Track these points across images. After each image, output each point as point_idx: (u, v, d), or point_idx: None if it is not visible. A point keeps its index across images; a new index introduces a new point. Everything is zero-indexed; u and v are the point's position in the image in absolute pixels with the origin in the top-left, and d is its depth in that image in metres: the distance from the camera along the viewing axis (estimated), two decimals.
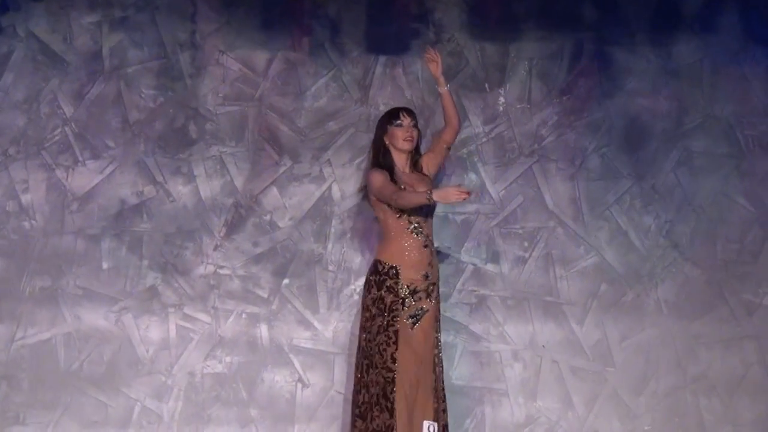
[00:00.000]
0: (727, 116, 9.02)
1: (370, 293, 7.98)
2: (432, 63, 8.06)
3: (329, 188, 8.90)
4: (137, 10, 8.86)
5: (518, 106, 8.94)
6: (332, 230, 8.88)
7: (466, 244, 8.89)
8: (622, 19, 9.02)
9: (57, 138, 8.79)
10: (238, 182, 8.88)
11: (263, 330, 8.82)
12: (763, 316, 8.93)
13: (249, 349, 8.80)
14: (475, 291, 8.88)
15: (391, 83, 8.94)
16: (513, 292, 8.90)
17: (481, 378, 8.81)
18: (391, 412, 7.84)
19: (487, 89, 8.97)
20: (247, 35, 8.91)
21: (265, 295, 8.83)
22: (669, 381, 8.83)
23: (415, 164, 8.14)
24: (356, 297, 8.82)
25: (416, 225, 7.99)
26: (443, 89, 8.04)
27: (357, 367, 7.98)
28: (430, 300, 7.95)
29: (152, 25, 8.87)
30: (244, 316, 8.82)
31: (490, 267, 8.87)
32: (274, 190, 8.88)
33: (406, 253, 7.99)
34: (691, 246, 8.91)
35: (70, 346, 8.72)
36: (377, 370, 7.88)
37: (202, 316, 8.82)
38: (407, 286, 7.96)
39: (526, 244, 8.93)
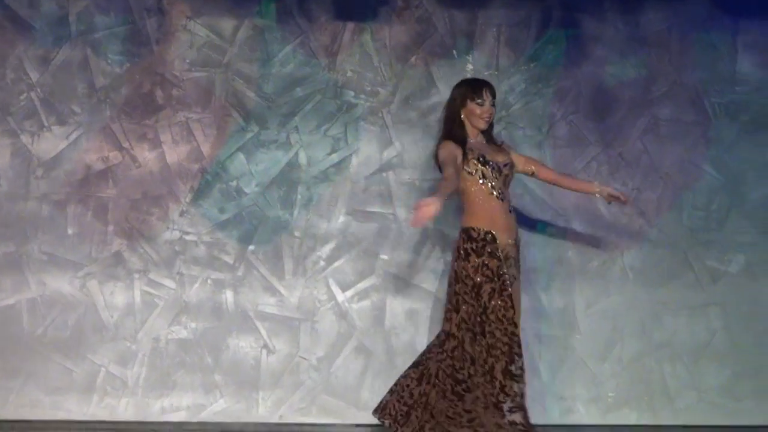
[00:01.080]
0: (695, 84, 9.12)
1: (469, 261, 7.85)
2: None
3: (296, 155, 8.98)
4: None
5: (486, 72, 8.96)
6: (299, 197, 8.97)
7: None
8: None
9: (23, 103, 8.86)
10: (205, 148, 8.95)
11: (228, 296, 8.91)
12: (728, 283, 9.07)
13: (214, 315, 8.91)
14: (441, 258, 8.97)
15: (359, 50, 9.01)
16: None
17: None
18: (521, 377, 7.83)
19: (455, 56, 9.03)
20: (214, 1, 8.96)
21: (231, 261, 8.93)
22: (634, 347, 8.96)
23: (488, 138, 8.07)
24: (322, 263, 8.98)
25: (499, 191, 7.95)
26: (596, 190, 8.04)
27: (453, 344, 7.85)
28: (517, 268, 7.98)
29: None
30: (209, 282, 8.91)
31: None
32: (241, 157, 8.97)
33: (496, 218, 7.97)
34: (658, 213, 9.03)
35: (35, 312, 8.81)
36: (495, 339, 7.76)
37: (168, 282, 8.91)
38: (502, 252, 7.99)
39: None
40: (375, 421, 8.46)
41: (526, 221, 8.88)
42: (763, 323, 9.13)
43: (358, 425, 8.91)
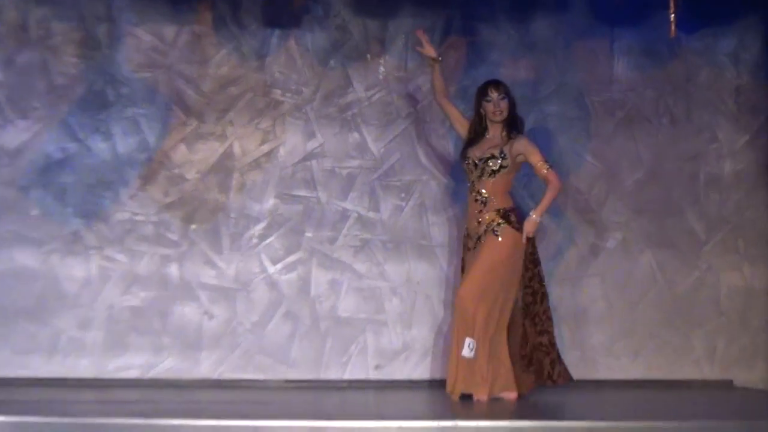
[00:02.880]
0: (577, 84, 9.61)
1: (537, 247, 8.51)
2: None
3: (231, 145, 9.47)
4: None
5: (396, 74, 9.54)
6: (233, 182, 9.46)
7: (350, 194, 9.51)
8: None
9: None
10: (151, 140, 9.41)
11: (174, 269, 9.39)
12: (606, 258, 9.59)
13: (161, 286, 9.34)
14: (358, 235, 9.51)
15: (285, 53, 9.49)
16: (391, 236, 9.52)
17: (365, 310, 9.45)
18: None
19: (369, 59, 9.55)
20: (157, 10, 9.37)
21: (175, 239, 9.39)
22: None
23: (509, 131, 8.52)
24: (255, 240, 9.43)
25: (472, 183, 8.56)
26: None
27: (519, 326, 8.44)
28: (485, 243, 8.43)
29: (73, 1, 9.33)
30: (156, 256, 9.38)
31: (371, 214, 9.53)
32: (183, 147, 9.43)
33: (469, 209, 8.63)
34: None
35: (3, 283, 9.22)
36: (540, 317, 8.48)
37: (120, 257, 9.35)
38: (469, 234, 8.57)
39: (402, 194, 9.55)
40: (302, 377, 9.27)
41: (431, 205, 9.56)
42: (636, 292, 9.62)
43: (287, 380, 9.33)
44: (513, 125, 8.51)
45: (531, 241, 8.46)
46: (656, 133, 9.74)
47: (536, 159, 8.43)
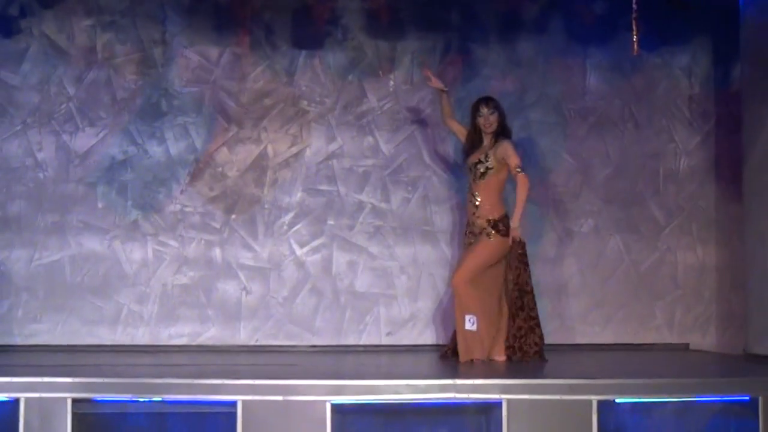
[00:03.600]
0: (556, 95, 9.53)
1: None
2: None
3: (265, 148, 9.39)
4: (122, 16, 9.29)
5: (404, 87, 9.47)
6: (267, 179, 9.39)
7: (366, 188, 9.44)
8: (479, 23, 9.46)
9: (63, 111, 9.27)
10: (198, 144, 9.36)
11: (217, 252, 9.33)
12: (581, 240, 9.52)
13: (207, 266, 9.30)
14: (372, 222, 9.44)
15: (310, 70, 9.42)
16: (400, 223, 9.44)
17: (378, 286, 9.40)
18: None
19: (381, 75, 9.48)
20: (204, 35, 9.36)
21: (218, 227, 9.33)
22: None
23: (502, 135, 8.38)
24: (285, 227, 9.35)
25: (469, 184, 8.45)
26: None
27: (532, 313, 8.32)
28: (482, 233, 8.37)
29: (133, 28, 9.32)
30: (203, 242, 9.33)
31: (383, 205, 9.45)
32: (225, 149, 9.37)
33: (467, 206, 8.52)
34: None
35: (74, 265, 9.21)
36: (526, 317, 8.33)
37: (172, 242, 9.31)
38: (469, 227, 8.47)
39: (409, 188, 9.48)
40: (325, 342, 9.24)
41: (434, 197, 9.42)
42: (606, 269, 9.54)
43: (312, 345, 9.29)
44: (502, 133, 8.41)
45: (521, 243, 8.35)
46: (622, 136, 9.66)
47: (512, 162, 8.31)
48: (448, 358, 8.48)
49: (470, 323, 8.24)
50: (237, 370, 7.69)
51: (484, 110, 8.36)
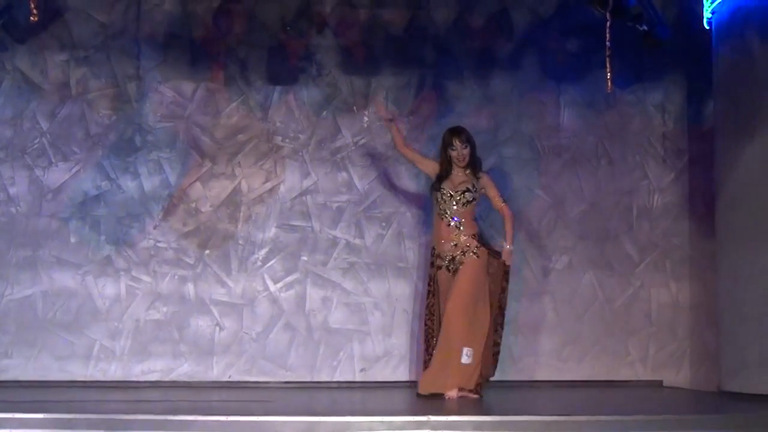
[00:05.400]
0: (530, 131, 9.59)
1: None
2: None
3: (239, 183, 9.41)
4: (96, 51, 9.34)
5: (378, 123, 9.40)
6: (241, 214, 9.39)
7: (340, 224, 9.43)
8: (453, 59, 9.54)
9: (36, 146, 9.31)
10: (172, 179, 9.38)
11: (190, 287, 9.33)
12: (555, 277, 9.54)
13: (180, 302, 9.29)
14: (346, 258, 9.44)
15: (285, 106, 9.45)
16: (374, 259, 9.44)
17: (352, 322, 9.37)
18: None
19: (355, 111, 9.51)
20: (178, 70, 9.40)
21: (192, 262, 9.34)
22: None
23: (473, 169, 8.36)
24: (259, 263, 9.33)
25: (448, 213, 8.39)
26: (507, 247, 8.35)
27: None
28: (465, 261, 8.29)
29: (107, 63, 9.36)
30: (176, 277, 9.32)
31: (357, 241, 9.45)
32: (198, 185, 9.39)
33: (441, 234, 8.41)
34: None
35: (46, 300, 9.20)
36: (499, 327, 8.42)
37: (145, 278, 9.29)
38: (444, 256, 8.39)
39: (383, 224, 9.48)
40: (299, 379, 9.16)
41: (408, 233, 9.42)
42: (580, 305, 9.54)
43: (286, 382, 9.22)
44: (475, 163, 8.42)
45: (506, 264, 8.43)
46: (596, 172, 9.70)
47: (494, 194, 8.46)
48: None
49: (467, 357, 8.15)
50: (210, 406, 7.65)
51: (458, 144, 8.35)
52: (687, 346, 9.65)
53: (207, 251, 9.41)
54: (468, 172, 8.41)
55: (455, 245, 8.32)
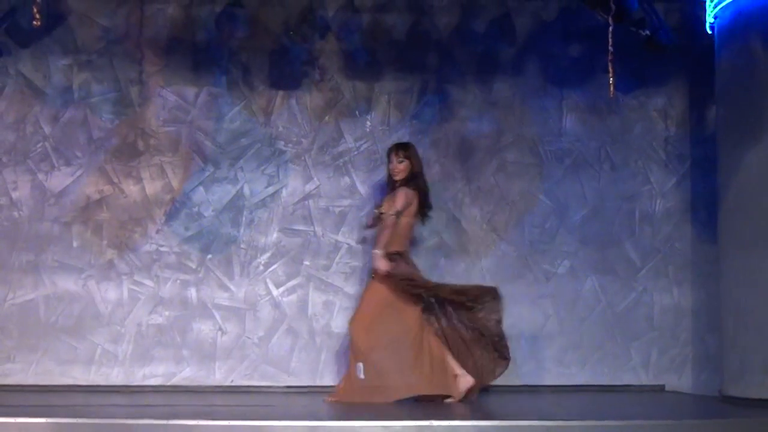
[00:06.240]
0: (532, 136, 9.56)
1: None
2: None
3: (242, 188, 9.38)
4: (99, 55, 9.33)
5: (380, 128, 9.49)
6: (243, 219, 9.36)
7: (342, 228, 9.42)
8: (456, 64, 9.52)
9: (39, 150, 9.30)
10: (174, 183, 9.36)
11: (193, 292, 9.32)
12: (557, 282, 9.49)
13: (182, 306, 9.27)
14: (348, 263, 9.41)
15: (287, 111, 9.43)
16: None
17: None
18: None
19: (358, 115, 9.50)
20: (180, 74, 9.39)
21: (194, 266, 9.32)
22: None
23: (411, 180, 8.48)
24: (261, 267, 9.32)
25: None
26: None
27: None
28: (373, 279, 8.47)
29: (110, 67, 9.35)
30: (178, 281, 9.31)
31: (359, 246, 9.41)
32: (201, 189, 9.37)
33: None
34: (506, 230, 9.46)
35: (49, 305, 9.18)
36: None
37: (148, 282, 9.28)
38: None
39: None
40: (301, 383, 9.13)
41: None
42: (582, 311, 9.50)
43: (288, 386, 9.22)
44: (412, 180, 8.50)
45: (399, 276, 8.44)
46: (598, 177, 9.68)
47: (393, 205, 8.49)
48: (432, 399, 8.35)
49: (360, 372, 8.28)
50: (212, 411, 7.63)
51: (393, 159, 8.49)
52: (689, 351, 9.61)
53: (209, 255, 9.38)
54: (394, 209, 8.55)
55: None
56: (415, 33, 9.55)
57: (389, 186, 8.61)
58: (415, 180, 8.52)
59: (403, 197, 8.46)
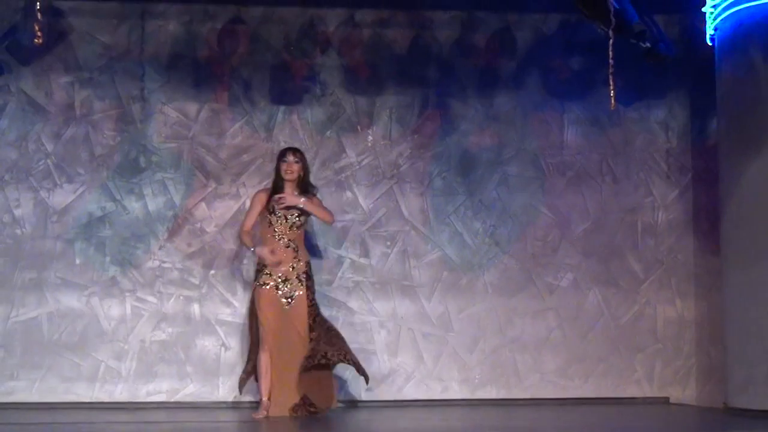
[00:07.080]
0: (534, 149, 9.63)
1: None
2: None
3: (244, 203, 9.31)
4: (100, 72, 9.36)
5: (382, 142, 9.54)
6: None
7: (344, 243, 9.44)
8: (457, 78, 9.58)
9: (41, 167, 9.31)
10: (176, 199, 9.38)
11: (196, 308, 9.32)
12: (560, 294, 9.55)
13: (185, 322, 9.29)
14: (351, 278, 9.43)
15: (289, 126, 9.49)
16: (379, 278, 9.43)
17: (357, 341, 9.17)
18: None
19: (359, 130, 9.55)
20: (182, 91, 9.41)
21: (197, 282, 9.32)
22: (493, 342, 9.47)
23: (305, 191, 8.46)
24: None
25: (281, 233, 8.48)
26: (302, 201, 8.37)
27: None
28: (301, 284, 8.44)
29: (111, 84, 9.37)
30: (181, 298, 9.33)
31: (362, 260, 9.46)
32: (203, 205, 9.39)
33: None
34: (508, 243, 9.52)
35: (52, 322, 9.18)
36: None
37: (151, 298, 9.28)
38: (279, 276, 8.47)
39: (388, 243, 9.50)
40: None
41: (413, 252, 9.43)
42: (586, 323, 9.55)
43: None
44: (305, 188, 8.50)
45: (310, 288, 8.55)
46: (600, 189, 9.73)
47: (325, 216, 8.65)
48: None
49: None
50: (216, 427, 7.64)
51: (290, 157, 8.47)
52: (693, 363, 9.64)
53: (212, 271, 9.39)
54: (297, 193, 8.51)
55: (293, 268, 8.48)
56: (415, 47, 9.61)
57: (275, 185, 8.57)
58: (308, 186, 8.62)
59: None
